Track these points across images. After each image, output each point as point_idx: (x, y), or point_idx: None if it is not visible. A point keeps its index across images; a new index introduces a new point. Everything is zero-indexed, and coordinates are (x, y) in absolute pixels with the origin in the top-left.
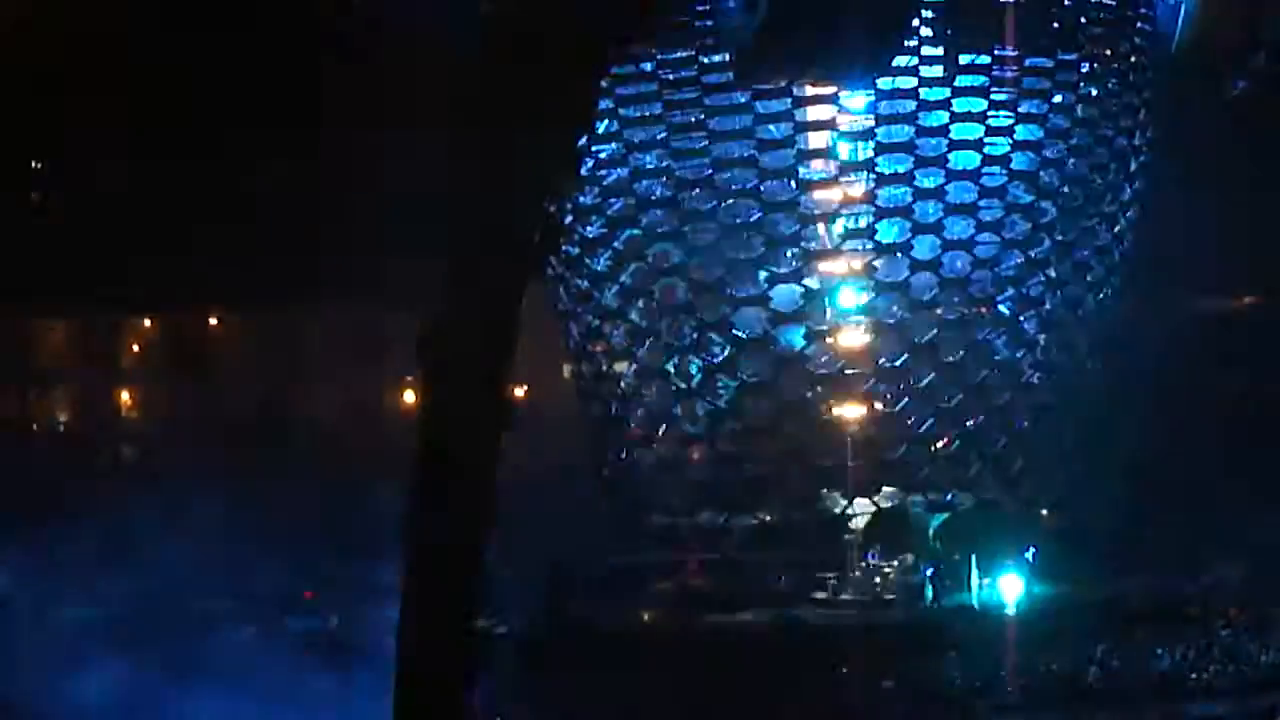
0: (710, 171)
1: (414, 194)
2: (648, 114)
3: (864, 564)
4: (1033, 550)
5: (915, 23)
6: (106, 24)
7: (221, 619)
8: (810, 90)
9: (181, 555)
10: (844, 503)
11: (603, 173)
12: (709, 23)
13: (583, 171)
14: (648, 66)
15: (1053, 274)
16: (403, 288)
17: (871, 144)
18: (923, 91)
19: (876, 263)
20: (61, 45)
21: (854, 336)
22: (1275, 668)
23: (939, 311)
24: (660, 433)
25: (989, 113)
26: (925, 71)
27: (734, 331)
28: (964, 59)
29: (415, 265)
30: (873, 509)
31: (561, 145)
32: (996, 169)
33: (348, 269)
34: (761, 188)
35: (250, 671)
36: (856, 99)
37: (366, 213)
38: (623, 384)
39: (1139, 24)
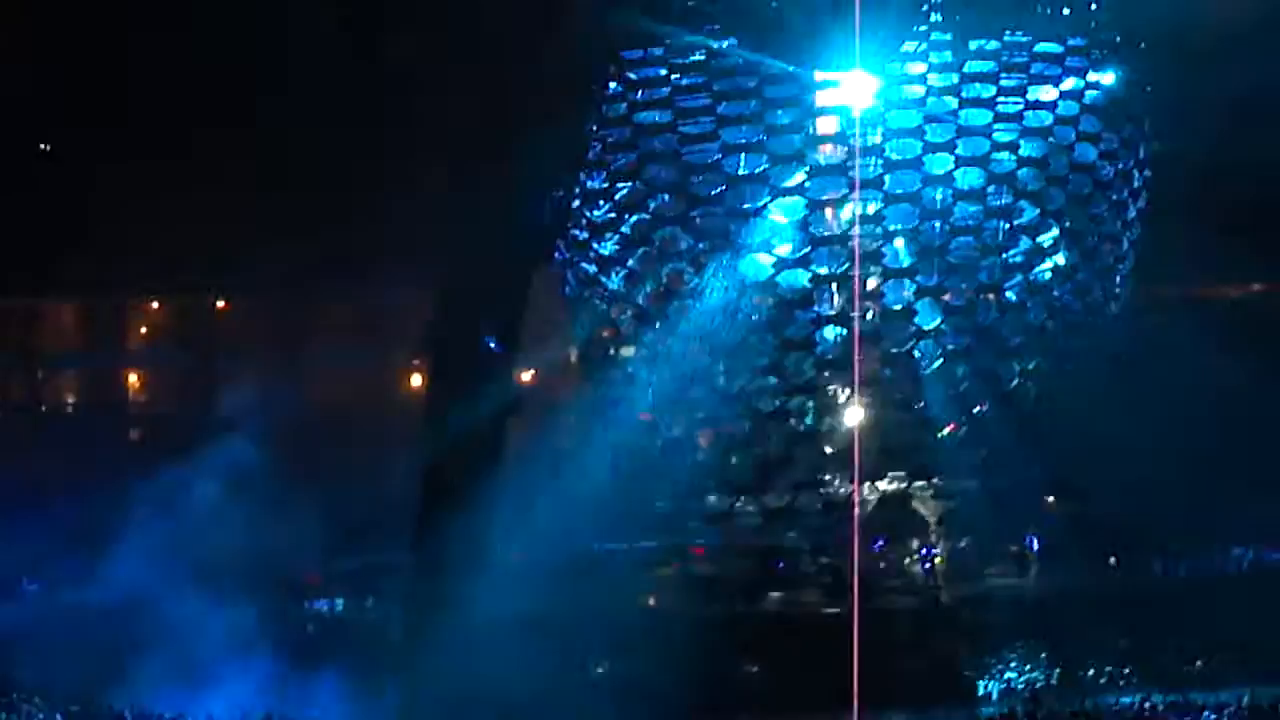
0: (718, 156)
1: (424, 178)
2: (656, 98)
3: (869, 550)
4: (1035, 538)
5: (925, 8)
6: (109, 11)
7: (227, 602)
8: (819, 75)
9: (188, 538)
10: (849, 488)
11: (610, 157)
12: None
13: (590, 156)
14: (657, 51)
15: (1060, 261)
16: (412, 272)
17: (880, 129)
18: (932, 77)
19: (884, 248)
20: (65, 30)
21: (861, 321)
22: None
23: (947, 297)
24: (666, 417)
25: (998, 99)
26: (934, 57)
27: (740, 316)
28: (973, 44)
29: (424, 250)
30: (878, 494)
31: (569, 131)
32: (1005, 154)
33: (356, 252)
34: (770, 173)
35: (257, 655)
36: (866, 84)
37: (374, 197)
38: (629, 368)
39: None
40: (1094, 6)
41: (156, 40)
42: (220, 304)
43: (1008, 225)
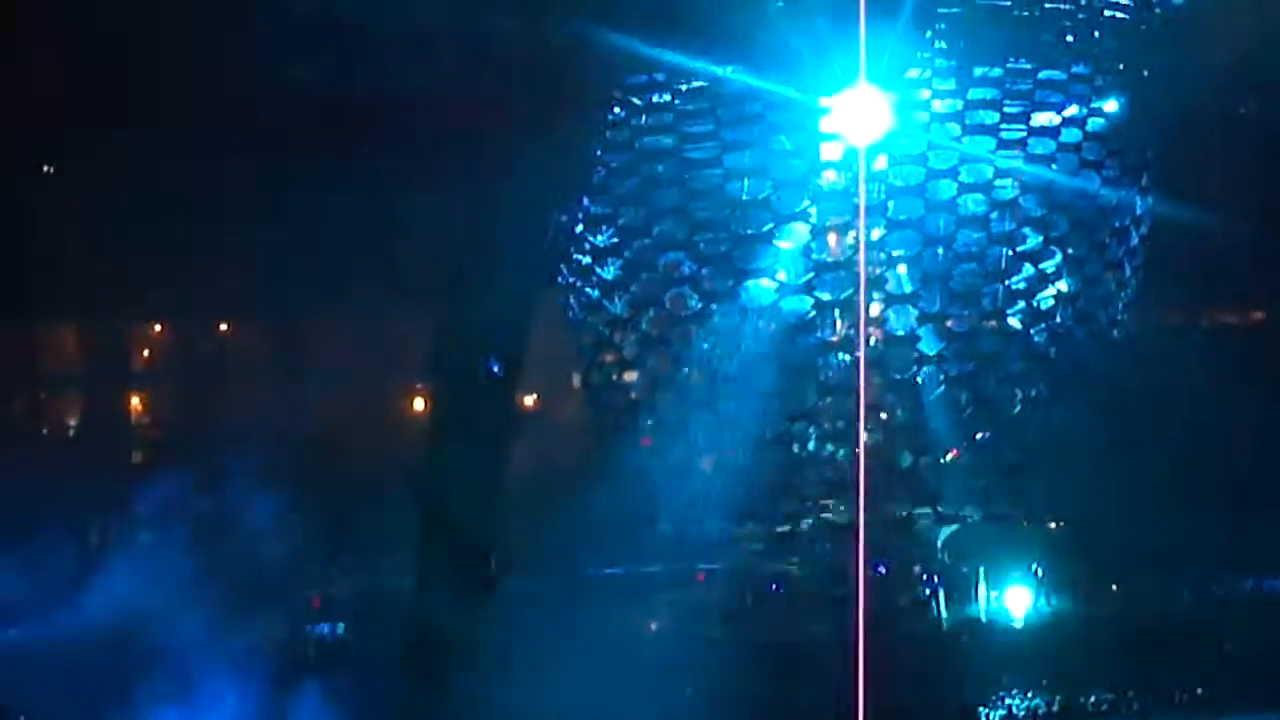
0: (722, 181)
1: (425, 202)
2: (659, 123)
3: (872, 575)
4: (1039, 566)
5: (929, 35)
6: (113, 27)
7: (230, 626)
8: (823, 101)
9: (190, 561)
10: (853, 514)
11: (614, 182)
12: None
13: (594, 181)
14: (660, 76)
15: (1064, 288)
16: (415, 296)
17: (884, 156)
18: (935, 104)
19: (887, 274)
20: (68, 50)
21: (865, 347)
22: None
23: (949, 324)
24: (669, 442)
25: (1001, 125)
26: (938, 84)
27: (744, 342)
28: (977, 71)
29: (427, 273)
30: (882, 521)
31: (571, 155)
32: (1009, 181)
33: (359, 276)
34: (773, 199)
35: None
36: (870, 110)
37: (377, 220)
38: (632, 393)
39: (1152, 36)
40: (1098, 34)
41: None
42: (224, 328)
43: (1010, 252)
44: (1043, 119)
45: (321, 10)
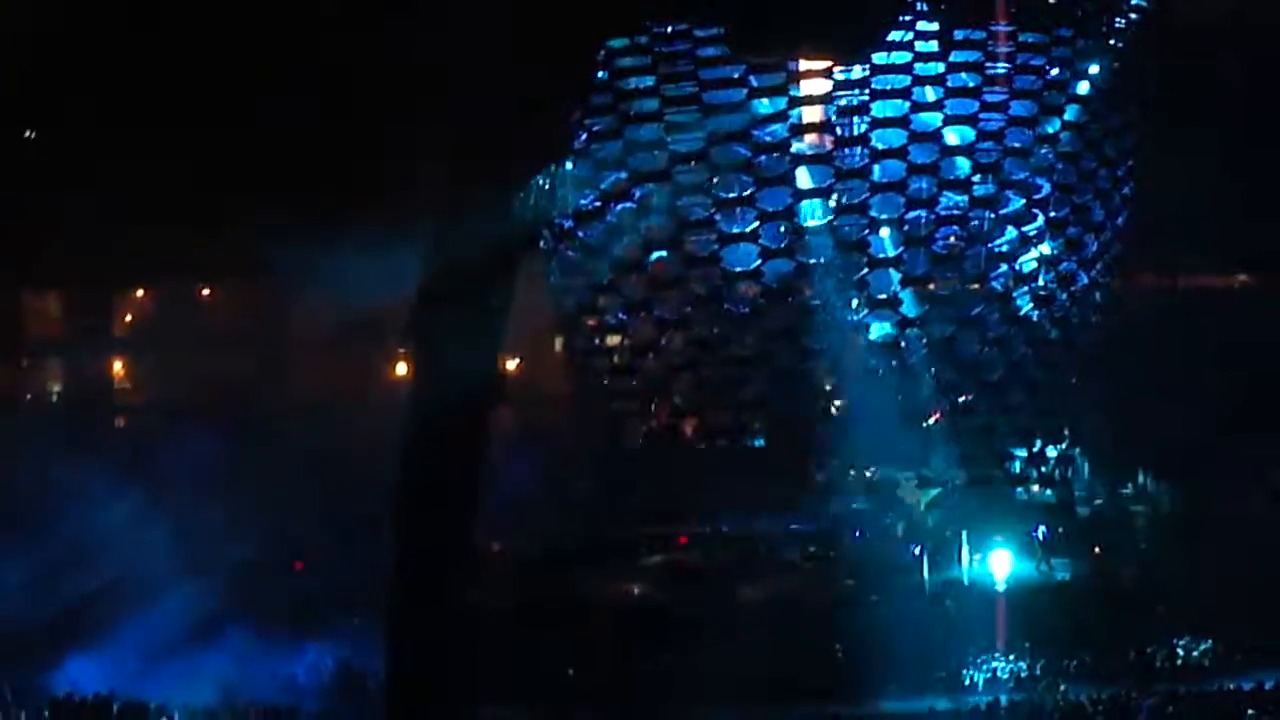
0: (704, 145)
1: (407, 168)
2: (642, 87)
3: (856, 539)
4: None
5: None
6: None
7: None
8: (804, 64)
9: (174, 529)
10: (837, 478)
11: (596, 146)
12: None
13: (576, 145)
14: (642, 40)
15: (1046, 250)
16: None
17: (866, 119)
18: (917, 66)
19: (870, 237)
20: (57, 18)
21: (846, 310)
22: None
23: (932, 287)
24: (653, 406)
25: (983, 88)
26: (920, 46)
27: (726, 306)
28: (959, 34)
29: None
30: (865, 484)
31: (554, 120)
32: (990, 144)
33: (340, 240)
34: (755, 161)
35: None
36: (851, 73)
37: (360, 185)
38: (615, 357)
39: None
40: None
41: (148, 29)
42: (205, 292)
43: (993, 215)
44: (1025, 82)
45: None
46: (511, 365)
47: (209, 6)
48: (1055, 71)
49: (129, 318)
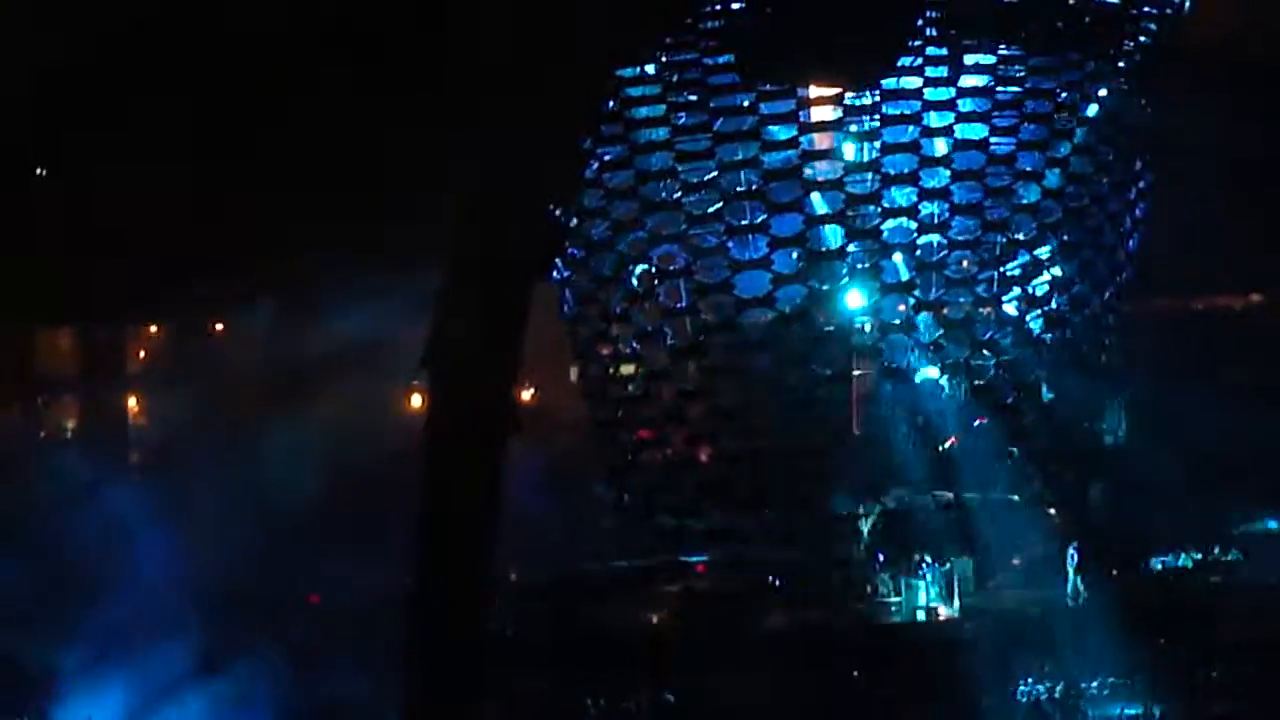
0: (715, 173)
1: (417, 197)
2: (652, 116)
3: (872, 565)
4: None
5: (920, 23)
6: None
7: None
8: (815, 91)
9: (189, 559)
10: (851, 503)
11: (607, 175)
12: (715, 24)
13: (587, 174)
14: (652, 69)
15: (1058, 273)
16: (409, 292)
17: (877, 144)
18: (927, 91)
19: (882, 262)
20: (66, 51)
21: (859, 336)
22: None
23: (945, 311)
24: (667, 434)
25: (994, 113)
26: (930, 71)
27: (739, 333)
28: (969, 59)
29: (421, 269)
30: (880, 509)
31: (566, 148)
32: (1002, 168)
33: (352, 273)
34: (766, 189)
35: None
36: (862, 100)
37: (370, 216)
38: (629, 386)
39: (1144, 22)
40: (1089, 20)
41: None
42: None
43: (1005, 239)
44: (1036, 105)
45: None
46: (527, 395)
47: (224, 52)
48: (1065, 95)
49: (142, 354)
